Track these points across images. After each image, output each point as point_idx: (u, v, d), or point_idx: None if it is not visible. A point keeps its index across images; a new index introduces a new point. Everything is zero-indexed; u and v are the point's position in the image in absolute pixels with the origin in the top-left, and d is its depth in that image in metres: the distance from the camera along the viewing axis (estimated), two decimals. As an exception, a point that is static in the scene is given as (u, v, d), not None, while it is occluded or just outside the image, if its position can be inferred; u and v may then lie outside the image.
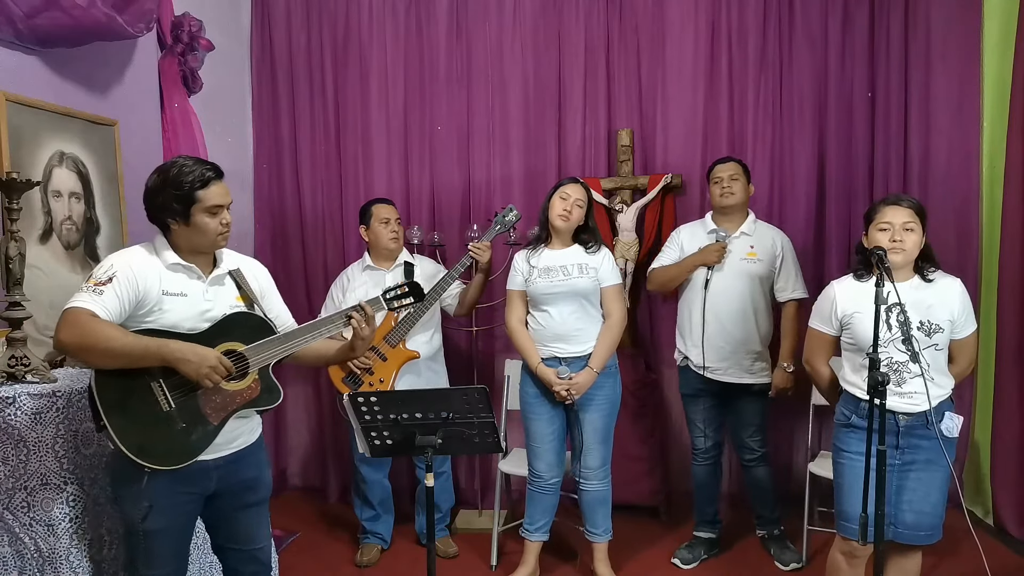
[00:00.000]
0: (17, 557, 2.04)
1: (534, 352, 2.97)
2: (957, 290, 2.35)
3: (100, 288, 1.83)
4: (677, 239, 3.31)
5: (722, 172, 3.21)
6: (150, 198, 1.95)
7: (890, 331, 2.27)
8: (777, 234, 3.26)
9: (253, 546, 2.17)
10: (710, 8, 3.82)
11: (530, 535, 3.09)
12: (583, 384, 2.90)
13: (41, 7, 2.43)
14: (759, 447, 3.23)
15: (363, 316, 2.08)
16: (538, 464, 3.03)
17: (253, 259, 2.22)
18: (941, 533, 2.36)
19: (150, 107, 3.22)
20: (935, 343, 2.27)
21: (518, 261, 3.07)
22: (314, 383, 4.20)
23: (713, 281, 3.13)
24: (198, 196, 1.92)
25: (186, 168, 1.93)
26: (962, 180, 3.64)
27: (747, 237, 3.20)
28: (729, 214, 3.22)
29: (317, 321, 2.09)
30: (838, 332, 2.42)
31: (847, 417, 2.38)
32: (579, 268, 2.95)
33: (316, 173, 4.14)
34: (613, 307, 2.97)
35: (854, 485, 2.32)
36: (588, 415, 2.96)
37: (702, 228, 3.27)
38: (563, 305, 2.94)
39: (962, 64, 3.61)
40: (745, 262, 3.16)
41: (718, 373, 3.17)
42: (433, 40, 4.01)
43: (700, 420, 3.29)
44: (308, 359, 2.22)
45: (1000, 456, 3.47)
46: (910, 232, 2.28)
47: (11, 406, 2.02)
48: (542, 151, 3.97)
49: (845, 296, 2.39)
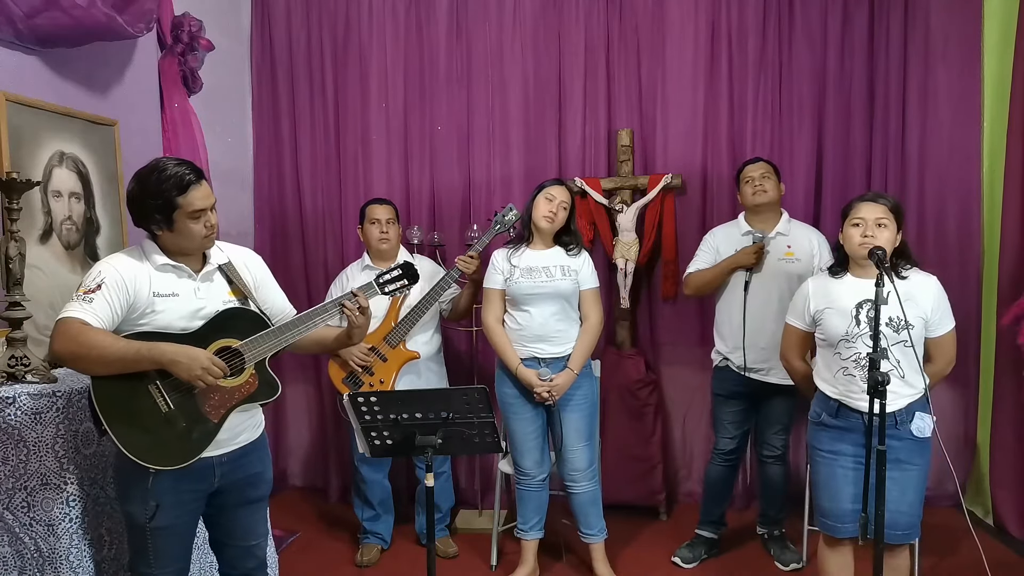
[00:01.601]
0: (17, 557, 2.04)
1: (513, 353, 2.98)
2: (932, 288, 2.36)
3: (90, 296, 1.83)
4: (712, 242, 3.25)
5: (753, 171, 3.19)
6: (131, 206, 1.94)
7: (858, 326, 2.30)
8: (813, 233, 3.23)
9: (251, 542, 2.18)
10: (710, 8, 3.82)
11: (525, 534, 3.10)
12: (563, 385, 2.92)
13: (41, 7, 2.43)
14: (781, 446, 3.22)
15: (356, 304, 2.08)
16: (524, 461, 3.04)
17: (246, 249, 2.20)
18: (919, 531, 2.40)
19: (150, 107, 3.22)
20: (903, 339, 2.26)
21: (497, 259, 3.06)
22: (315, 383, 4.20)
23: (752, 283, 3.10)
24: (179, 202, 1.88)
25: (165, 173, 1.88)
26: (962, 180, 3.64)
27: (783, 237, 3.16)
28: (762, 213, 3.18)
29: (311, 311, 2.08)
30: (811, 327, 2.46)
31: (818, 415, 2.42)
32: (561, 270, 2.96)
33: (316, 173, 4.14)
34: (591, 310, 3.00)
35: (829, 482, 2.37)
36: (568, 415, 2.98)
37: (736, 229, 3.23)
38: (544, 306, 2.95)
39: (962, 63, 3.61)
40: (783, 262, 3.13)
41: (760, 374, 3.13)
42: (433, 40, 4.01)
43: (729, 422, 3.25)
44: (306, 347, 2.22)
45: (1000, 456, 3.47)
46: (882, 228, 2.29)
47: (11, 406, 2.02)
48: (542, 151, 3.97)
49: (818, 292, 2.43)
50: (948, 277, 3.62)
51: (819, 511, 2.43)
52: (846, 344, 2.32)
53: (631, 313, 3.86)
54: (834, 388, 2.36)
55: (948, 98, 3.64)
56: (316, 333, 2.14)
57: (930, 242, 3.69)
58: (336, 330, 2.22)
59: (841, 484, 2.33)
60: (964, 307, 3.66)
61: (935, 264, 3.66)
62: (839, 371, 2.35)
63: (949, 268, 3.66)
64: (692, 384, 3.89)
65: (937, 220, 3.69)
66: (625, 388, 3.71)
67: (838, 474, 2.34)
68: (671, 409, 3.98)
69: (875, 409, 2.05)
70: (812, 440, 2.45)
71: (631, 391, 3.72)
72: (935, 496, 3.73)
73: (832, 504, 2.36)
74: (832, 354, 2.37)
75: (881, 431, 2.05)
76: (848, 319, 2.32)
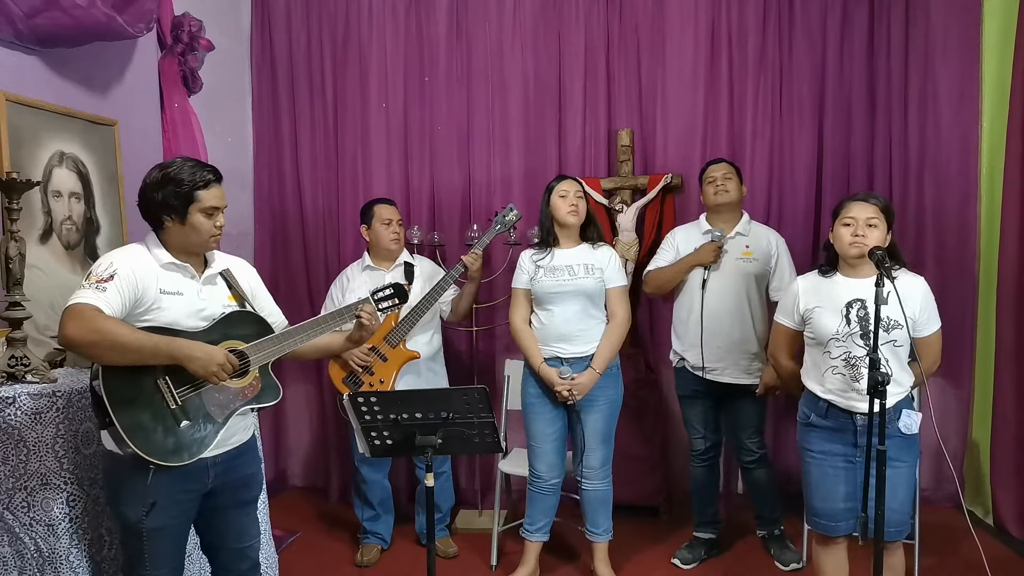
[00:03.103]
0: (17, 557, 2.04)
1: (537, 352, 2.97)
2: (920, 288, 2.37)
3: (103, 285, 1.83)
4: (672, 241, 3.30)
5: (715, 172, 3.22)
6: (148, 193, 1.97)
7: (848, 326, 2.31)
8: (772, 234, 3.26)
9: (244, 544, 2.18)
10: (710, 8, 3.82)
11: (530, 535, 3.09)
12: (585, 385, 2.90)
13: (41, 7, 2.43)
14: (758, 448, 3.23)
15: (371, 312, 2.18)
16: (539, 464, 3.03)
17: (241, 259, 2.24)
18: (909, 528, 2.43)
19: (150, 107, 3.22)
20: (893, 339, 2.28)
21: (524, 260, 3.06)
22: (315, 383, 4.20)
23: (710, 281, 3.13)
24: (198, 196, 1.96)
25: (187, 168, 1.97)
26: (961, 179, 3.65)
27: (743, 237, 3.20)
28: (723, 213, 3.21)
29: (318, 319, 2.14)
30: (800, 326, 2.46)
31: (807, 416, 2.42)
32: (585, 268, 2.95)
33: (316, 173, 4.14)
34: (618, 308, 2.97)
35: (821, 483, 2.38)
36: (589, 416, 2.96)
37: (697, 229, 3.27)
38: (567, 305, 2.94)
39: (962, 63, 3.62)
40: (741, 261, 3.16)
41: (715, 374, 3.17)
42: (433, 40, 4.01)
43: (697, 421, 3.29)
44: (307, 354, 2.26)
45: (1000, 456, 3.46)
46: (873, 228, 2.30)
47: (11, 406, 2.02)
48: (542, 151, 3.97)
49: (808, 291, 2.43)
50: (945, 275, 3.65)
51: (812, 511, 2.44)
52: (836, 343, 2.33)
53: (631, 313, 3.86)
54: (823, 388, 2.37)
55: (948, 97, 3.64)
56: (319, 340, 2.18)
57: (928, 240, 3.70)
58: (341, 335, 2.25)
59: (833, 484, 2.35)
60: (960, 305, 3.67)
61: (933, 261, 3.67)
62: (828, 370, 2.35)
63: (946, 266, 3.67)
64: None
65: (936, 218, 3.70)
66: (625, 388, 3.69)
67: (829, 474, 2.35)
68: (671, 409, 3.97)
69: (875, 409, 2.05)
70: (802, 441, 2.45)
71: (631, 391, 3.70)
72: (935, 496, 3.74)
73: (825, 504, 2.37)
74: (821, 353, 2.37)
75: (881, 431, 2.06)
76: (839, 318, 2.33)
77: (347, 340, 2.25)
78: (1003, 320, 3.41)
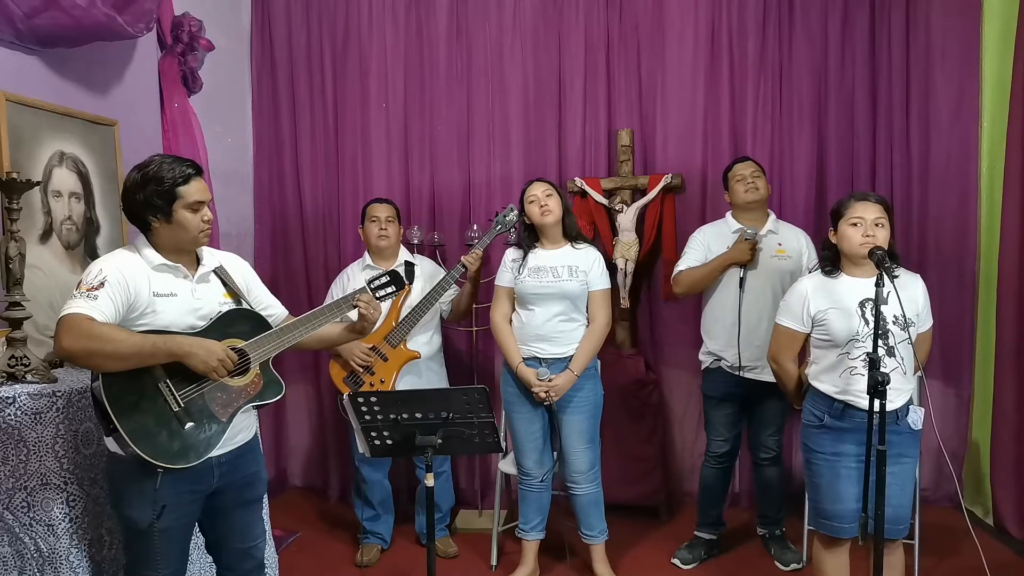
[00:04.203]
0: (17, 557, 2.04)
1: (516, 351, 2.97)
2: (920, 286, 2.40)
3: (94, 293, 1.82)
4: (702, 240, 3.24)
5: (744, 169, 3.19)
6: (131, 195, 1.95)
7: (867, 326, 2.29)
8: (800, 232, 3.25)
9: (249, 543, 2.18)
10: (710, 8, 3.81)
11: (526, 534, 3.10)
12: (562, 386, 2.90)
13: (41, 7, 2.43)
14: (776, 447, 3.22)
15: (368, 300, 2.14)
16: (525, 461, 3.04)
17: (232, 254, 2.23)
18: (909, 526, 2.44)
19: (150, 107, 3.22)
20: (907, 337, 2.29)
21: (508, 257, 3.07)
22: (315, 383, 4.20)
23: (747, 280, 3.11)
24: (179, 192, 1.92)
25: (166, 165, 1.93)
26: (961, 179, 3.65)
27: (774, 235, 3.18)
28: (752, 211, 3.19)
29: (313, 313, 2.12)
30: (809, 329, 2.43)
31: (819, 419, 2.38)
32: (569, 271, 2.94)
33: (316, 173, 4.14)
34: (599, 312, 2.97)
35: (833, 485, 2.34)
36: (568, 417, 2.96)
37: (726, 227, 3.23)
38: (549, 306, 2.94)
39: (962, 64, 3.61)
40: (776, 259, 3.13)
41: (755, 372, 3.12)
42: (433, 40, 4.01)
43: (722, 425, 3.24)
44: (310, 344, 2.24)
45: (999, 456, 3.46)
46: (880, 227, 2.29)
47: (11, 406, 2.02)
48: (542, 151, 3.97)
49: (818, 293, 2.40)
50: (945, 275, 3.66)
51: (820, 514, 2.40)
52: (856, 344, 2.30)
53: (631, 313, 3.86)
54: (838, 388, 2.34)
55: (948, 97, 3.64)
56: (321, 331, 2.16)
57: (929, 240, 3.70)
58: (342, 325, 2.23)
59: (845, 485, 2.32)
60: (960, 305, 3.67)
61: (933, 262, 3.67)
62: (846, 371, 2.32)
63: (946, 266, 3.67)
64: (692, 384, 3.88)
65: (935, 218, 3.69)
66: (625, 388, 3.71)
67: (842, 475, 2.32)
68: (671, 409, 3.98)
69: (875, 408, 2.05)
70: (810, 444, 2.41)
71: (631, 391, 3.72)
72: (935, 496, 3.74)
73: (837, 506, 2.34)
74: (838, 355, 2.34)
75: (881, 430, 2.06)
76: (855, 318, 2.30)
77: (350, 331, 2.22)
78: (1003, 320, 3.41)
